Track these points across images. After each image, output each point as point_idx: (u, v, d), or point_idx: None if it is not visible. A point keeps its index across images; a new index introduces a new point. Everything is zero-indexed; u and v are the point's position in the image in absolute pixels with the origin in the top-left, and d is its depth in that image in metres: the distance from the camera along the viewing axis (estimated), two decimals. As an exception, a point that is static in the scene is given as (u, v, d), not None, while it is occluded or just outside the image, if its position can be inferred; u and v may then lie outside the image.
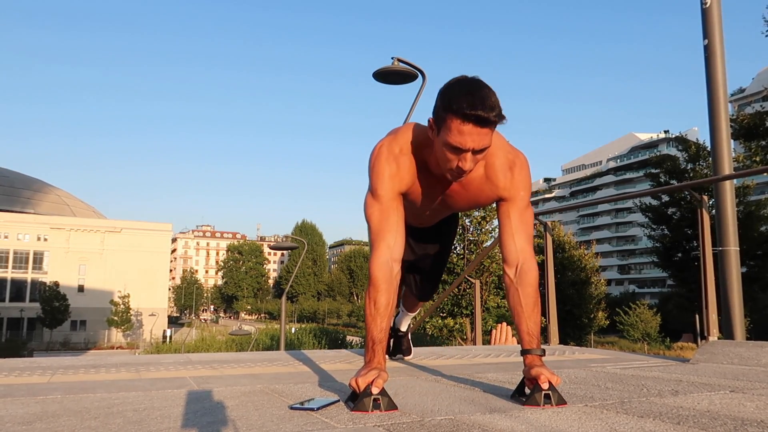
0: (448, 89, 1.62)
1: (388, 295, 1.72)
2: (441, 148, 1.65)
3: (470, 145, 1.59)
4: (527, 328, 1.76)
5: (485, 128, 1.58)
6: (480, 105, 1.54)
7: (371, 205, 1.82)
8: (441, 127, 1.62)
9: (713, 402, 1.69)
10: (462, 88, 1.59)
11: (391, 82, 7.43)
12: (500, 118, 1.58)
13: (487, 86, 1.61)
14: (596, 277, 31.62)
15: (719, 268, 3.54)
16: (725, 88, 3.89)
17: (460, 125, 1.56)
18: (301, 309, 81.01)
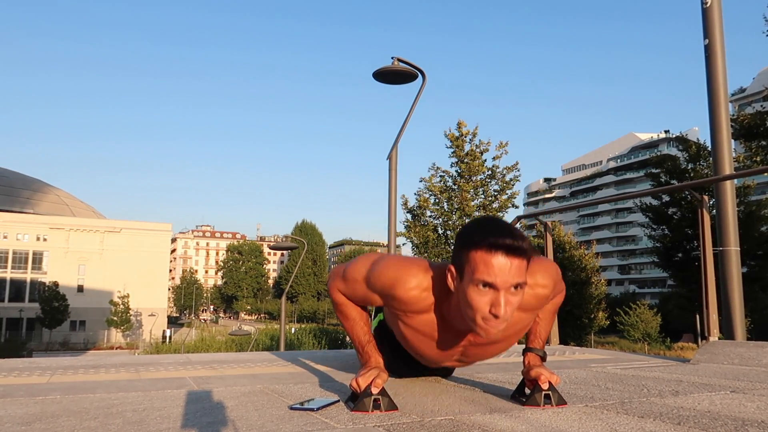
0: (467, 228, 1.47)
1: (354, 307, 1.76)
2: (466, 296, 1.43)
3: (501, 279, 1.37)
4: (535, 329, 1.82)
5: (516, 259, 1.38)
6: (508, 233, 1.38)
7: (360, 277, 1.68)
8: (464, 269, 1.42)
9: (714, 402, 1.69)
10: (482, 223, 1.46)
11: (391, 82, 7.42)
12: (530, 249, 1.41)
13: (508, 223, 1.47)
14: (596, 277, 31.61)
15: (720, 268, 3.53)
16: (726, 88, 3.89)
17: (487, 257, 1.37)
18: (301, 309, 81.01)
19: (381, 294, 1.64)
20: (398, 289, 1.58)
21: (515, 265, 1.38)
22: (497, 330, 1.44)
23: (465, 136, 17.98)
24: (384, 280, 1.61)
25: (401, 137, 7.05)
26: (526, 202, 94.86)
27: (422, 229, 17.76)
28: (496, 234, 1.38)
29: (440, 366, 1.92)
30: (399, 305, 1.62)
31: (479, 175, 17.79)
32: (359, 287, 1.69)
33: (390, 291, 1.60)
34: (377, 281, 1.63)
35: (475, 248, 1.39)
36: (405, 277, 1.58)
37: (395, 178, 6.82)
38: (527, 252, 1.40)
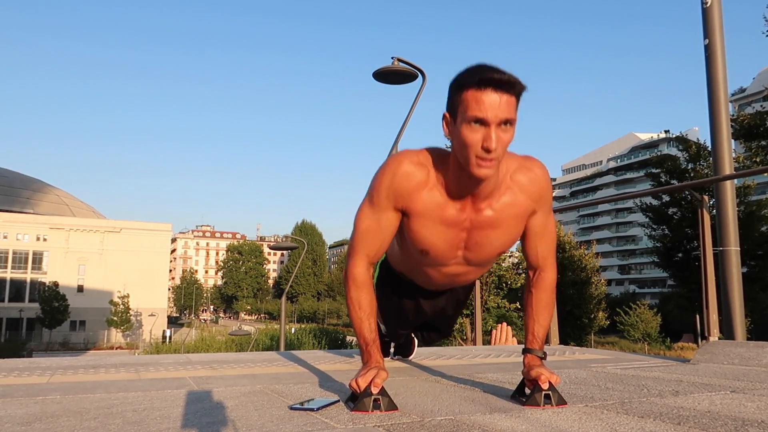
0: (458, 74, 1.51)
1: (370, 295, 1.72)
2: (460, 135, 1.48)
3: (492, 113, 1.43)
4: (532, 329, 1.79)
5: (506, 94, 1.44)
6: (496, 70, 1.43)
7: (362, 209, 1.72)
8: (457, 111, 1.48)
9: (714, 402, 1.69)
10: (471, 66, 1.49)
11: (391, 82, 7.43)
12: (521, 84, 1.46)
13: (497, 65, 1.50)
14: (596, 277, 31.61)
15: (720, 268, 3.53)
16: (726, 88, 3.89)
17: (477, 94, 1.43)
18: (301, 309, 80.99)
19: (388, 196, 1.66)
20: (397, 174, 1.63)
21: (504, 101, 1.43)
22: (490, 168, 1.49)
23: (465, 136, 17.92)
24: (381, 180, 1.65)
25: (401, 137, 7.06)
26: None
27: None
28: (485, 71, 1.42)
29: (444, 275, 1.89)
30: (403, 190, 1.64)
31: (479, 175, 17.72)
32: (364, 223, 1.70)
33: (391, 183, 1.64)
34: (375, 190, 1.67)
35: (466, 88, 1.44)
36: (396, 162, 1.65)
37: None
38: (516, 87, 1.45)
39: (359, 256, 1.73)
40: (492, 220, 1.68)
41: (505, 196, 1.65)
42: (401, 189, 1.65)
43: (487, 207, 1.66)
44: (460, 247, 1.75)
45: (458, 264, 1.82)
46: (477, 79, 1.43)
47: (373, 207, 1.70)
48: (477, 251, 1.77)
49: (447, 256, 1.78)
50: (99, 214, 69.23)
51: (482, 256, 1.80)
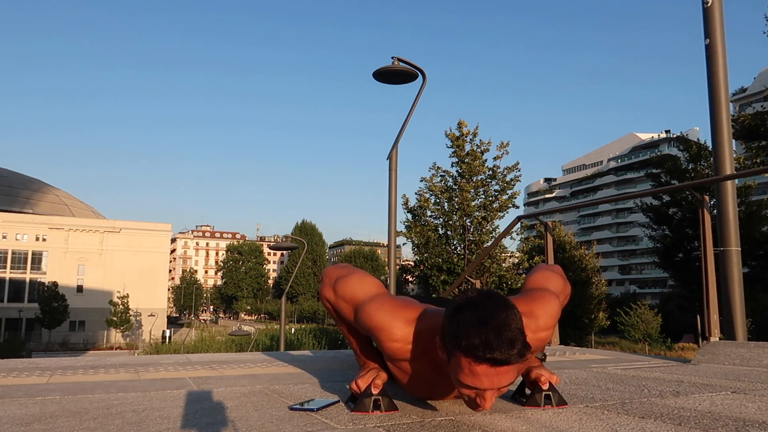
0: (457, 313, 1.32)
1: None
2: (454, 378, 1.36)
3: (486, 386, 1.30)
4: None
5: (504, 367, 1.27)
6: (496, 342, 1.23)
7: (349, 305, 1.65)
8: (450, 360, 1.35)
9: (714, 403, 1.68)
10: (473, 314, 1.29)
11: (391, 82, 7.42)
12: (522, 355, 1.26)
13: (504, 307, 1.30)
14: (597, 278, 31.61)
15: (720, 269, 3.53)
16: (726, 88, 3.89)
17: (473, 366, 1.28)
18: (301, 309, 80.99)
19: (365, 332, 1.61)
20: (382, 336, 1.53)
21: (503, 372, 1.28)
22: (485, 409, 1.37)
23: (465, 136, 17.98)
24: (369, 323, 1.56)
25: (401, 137, 7.05)
26: (526, 202, 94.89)
27: (423, 229, 17.75)
28: (485, 343, 1.24)
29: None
30: (382, 351, 1.58)
31: (480, 175, 17.79)
32: (346, 309, 1.66)
33: (374, 334, 1.57)
34: (362, 321, 1.58)
35: (460, 351, 1.29)
36: (390, 328, 1.52)
37: (395, 178, 6.82)
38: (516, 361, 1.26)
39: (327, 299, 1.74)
40: None
41: None
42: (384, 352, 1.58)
43: None
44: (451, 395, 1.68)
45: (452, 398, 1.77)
46: (474, 355, 1.26)
47: (353, 318, 1.65)
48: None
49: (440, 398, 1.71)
50: (98, 214, 69.25)
51: None
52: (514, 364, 1.27)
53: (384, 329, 1.52)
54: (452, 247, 17.74)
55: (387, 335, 1.52)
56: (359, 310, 1.60)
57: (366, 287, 1.64)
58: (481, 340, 1.24)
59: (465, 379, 1.30)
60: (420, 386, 1.61)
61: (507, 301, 1.32)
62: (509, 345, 1.24)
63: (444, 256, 17.53)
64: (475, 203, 17.65)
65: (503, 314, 1.27)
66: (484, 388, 1.30)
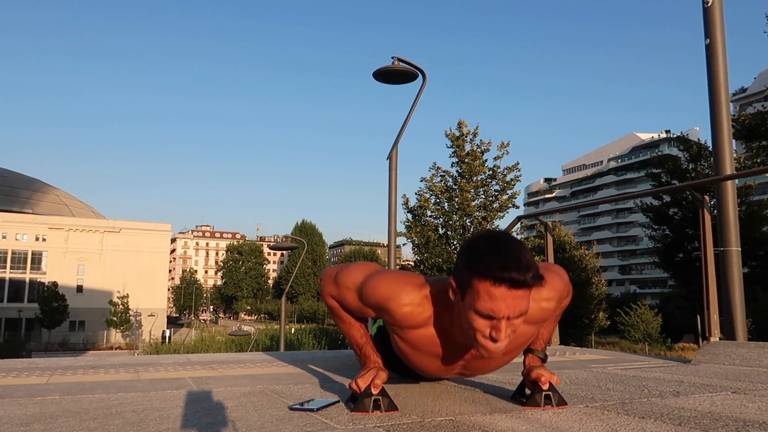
0: (473, 247, 1.41)
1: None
2: (467, 315, 1.41)
3: (504, 312, 1.35)
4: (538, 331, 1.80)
5: (520, 290, 1.34)
6: (514, 266, 1.32)
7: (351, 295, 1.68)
8: (466, 291, 1.39)
9: (715, 403, 1.68)
10: (489, 246, 1.38)
11: (391, 82, 7.42)
12: (537, 279, 1.35)
13: (515, 241, 1.41)
14: (597, 278, 31.60)
15: (721, 269, 3.53)
16: (727, 88, 3.89)
17: (491, 288, 1.34)
18: (301, 309, 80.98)
19: (373, 308, 1.64)
20: (391, 305, 1.56)
21: (519, 296, 1.35)
22: (498, 349, 1.41)
23: (466, 136, 17.99)
24: (376, 295, 1.59)
25: (401, 137, 7.05)
26: (526, 202, 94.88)
27: (423, 229, 17.76)
28: (502, 265, 1.32)
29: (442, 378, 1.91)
30: (393, 321, 1.60)
31: (480, 175, 17.79)
32: (351, 297, 1.68)
33: (382, 306, 1.59)
34: (370, 296, 1.61)
35: (479, 277, 1.35)
36: (398, 294, 1.56)
37: (395, 178, 6.82)
38: (532, 282, 1.35)
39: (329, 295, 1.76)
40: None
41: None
42: (392, 321, 1.61)
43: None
44: (455, 371, 1.75)
45: (455, 375, 1.84)
46: (493, 275, 1.33)
47: (359, 302, 1.68)
48: (474, 371, 1.80)
49: (442, 375, 1.79)
50: (98, 214, 69.24)
51: (481, 373, 1.85)
52: (529, 287, 1.34)
53: (392, 297, 1.56)
54: (452, 248, 17.75)
55: (395, 302, 1.56)
56: (364, 286, 1.63)
57: (367, 270, 1.68)
58: (499, 264, 1.32)
59: (482, 305, 1.35)
60: (427, 359, 1.65)
61: (516, 238, 1.42)
62: (525, 268, 1.32)
63: (444, 256, 17.53)
64: (475, 203, 17.65)
65: (516, 246, 1.38)
66: (501, 314, 1.35)
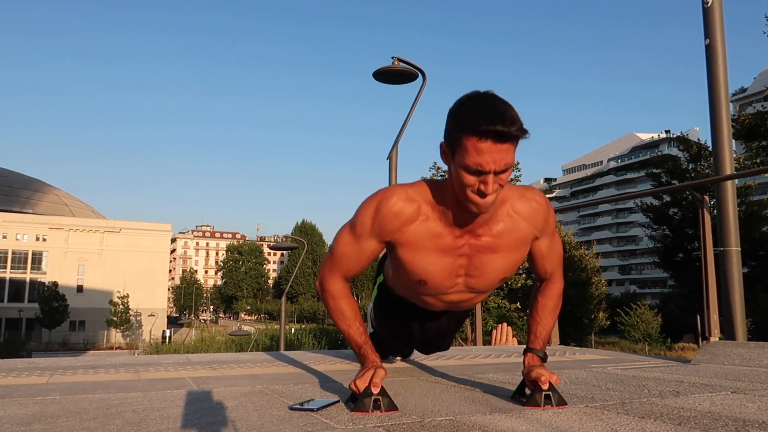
0: (460, 107, 1.48)
1: (350, 302, 1.75)
2: (458, 174, 1.49)
3: (491, 166, 1.43)
4: (535, 329, 1.82)
5: (506, 144, 1.42)
6: (499, 119, 1.39)
7: (345, 236, 1.71)
8: (456, 150, 1.47)
9: (715, 403, 1.68)
10: (475, 104, 1.45)
11: (391, 82, 7.42)
12: (522, 132, 1.43)
13: (503, 100, 1.47)
14: (597, 278, 31.63)
15: (720, 269, 3.53)
16: (727, 88, 3.89)
17: (477, 143, 1.41)
18: (301, 309, 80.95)
19: (370, 230, 1.66)
20: (382, 207, 1.62)
21: (504, 149, 1.42)
22: (487, 203, 1.50)
23: (465, 136, 17.96)
24: (367, 212, 1.65)
25: (401, 137, 7.05)
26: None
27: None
28: (487, 119, 1.39)
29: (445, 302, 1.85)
30: (390, 226, 1.63)
31: (479, 176, 17.76)
32: (346, 241, 1.70)
33: (375, 218, 1.63)
34: (361, 217, 1.66)
35: (466, 133, 1.42)
36: (384, 197, 1.64)
37: (395, 178, 6.82)
38: (518, 135, 1.43)
39: (335, 274, 1.75)
40: (491, 245, 1.66)
41: (503, 222, 1.65)
42: (388, 225, 1.64)
43: (485, 233, 1.65)
44: (460, 274, 1.72)
45: (460, 292, 1.79)
46: (478, 129, 1.39)
47: (355, 235, 1.69)
48: (478, 277, 1.74)
49: (446, 285, 1.75)
50: (98, 214, 69.22)
51: (484, 282, 1.77)
52: (514, 140, 1.43)
53: (379, 202, 1.64)
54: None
55: (385, 204, 1.62)
56: (353, 221, 1.69)
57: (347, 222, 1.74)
58: (485, 118, 1.39)
59: (470, 160, 1.43)
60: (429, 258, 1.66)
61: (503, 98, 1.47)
62: (510, 122, 1.40)
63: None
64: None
65: (502, 103, 1.44)
66: (488, 167, 1.42)
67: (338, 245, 1.72)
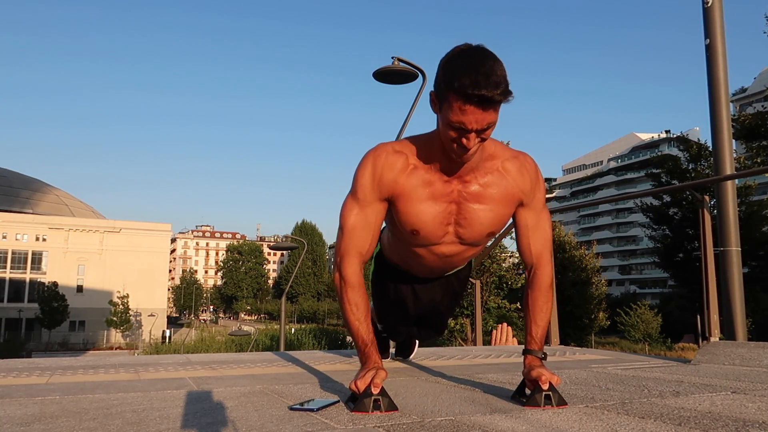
0: (450, 62, 1.51)
1: (364, 296, 1.74)
2: (443, 127, 1.56)
3: (473, 126, 1.49)
4: (531, 330, 1.80)
5: (490, 106, 1.47)
6: (484, 82, 1.43)
7: (347, 207, 1.75)
8: (443, 104, 1.53)
9: (715, 403, 1.68)
10: (464, 62, 1.47)
11: (391, 82, 7.42)
12: (506, 95, 1.46)
13: (492, 57, 1.49)
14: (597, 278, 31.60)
15: (721, 269, 3.53)
16: (727, 88, 3.89)
17: (462, 105, 1.46)
18: (301, 309, 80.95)
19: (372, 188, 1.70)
20: (377, 164, 1.69)
21: (488, 111, 1.47)
22: (469, 155, 1.57)
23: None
24: (364, 173, 1.70)
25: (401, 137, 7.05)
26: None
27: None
28: (474, 83, 1.42)
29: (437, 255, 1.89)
30: (386, 179, 1.69)
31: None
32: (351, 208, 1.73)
33: (374, 174, 1.69)
34: (360, 181, 1.71)
35: (453, 93, 1.46)
36: (374, 155, 1.72)
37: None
38: (501, 100, 1.47)
39: (350, 255, 1.74)
40: (478, 195, 1.72)
41: (492, 175, 1.72)
42: (384, 178, 1.70)
43: (473, 181, 1.71)
44: (450, 222, 1.77)
45: (450, 243, 1.84)
46: (465, 92, 1.44)
47: (359, 201, 1.73)
48: (467, 227, 1.78)
49: (438, 234, 1.79)
50: (98, 214, 69.21)
51: (472, 233, 1.81)
52: (498, 103, 1.47)
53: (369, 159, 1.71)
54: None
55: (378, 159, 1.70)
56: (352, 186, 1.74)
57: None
58: (471, 81, 1.42)
59: (455, 117, 1.48)
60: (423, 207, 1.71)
61: (493, 53, 1.51)
62: (495, 86, 1.43)
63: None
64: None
65: (490, 62, 1.47)
66: (471, 127, 1.49)
67: (346, 220, 1.74)
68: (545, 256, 1.83)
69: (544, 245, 1.83)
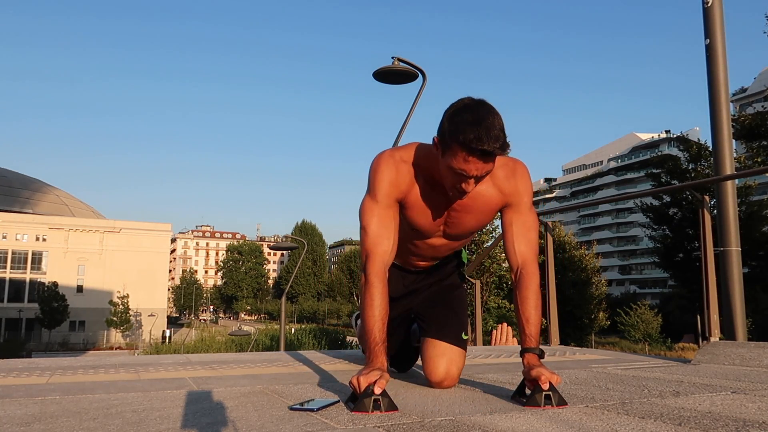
0: (455, 115, 1.64)
1: (385, 295, 1.78)
2: (445, 169, 1.70)
3: (474, 173, 1.65)
4: (527, 330, 1.81)
5: (490, 158, 1.63)
6: (486, 137, 1.57)
7: (370, 208, 1.85)
8: (446, 151, 1.66)
9: (715, 403, 1.68)
10: (469, 116, 1.61)
11: (391, 82, 7.41)
12: (504, 149, 1.62)
13: (493, 113, 1.63)
14: (597, 278, 31.65)
15: (721, 269, 3.53)
16: (727, 88, 3.89)
17: (466, 156, 1.61)
18: (301, 309, 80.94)
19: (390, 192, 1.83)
20: (396, 171, 1.83)
21: (488, 162, 1.64)
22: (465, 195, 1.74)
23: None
24: (383, 176, 1.83)
25: (402, 137, 7.05)
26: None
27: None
28: (477, 137, 1.57)
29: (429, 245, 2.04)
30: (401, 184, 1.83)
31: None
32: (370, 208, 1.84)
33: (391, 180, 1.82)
34: (380, 182, 1.83)
35: (458, 144, 1.61)
36: (392, 160, 1.85)
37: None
38: (499, 153, 1.61)
39: (376, 254, 1.81)
40: (466, 206, 1.89)
41: (482, 185, 1.83)
42: (401, 185, 1.84)
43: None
44: (441, 223, 1.96)
45: (439, 237, 2.02)
46: (469, 145, 1.58)
47: (379, 204, 1.84)
48: (454, 228, 1.98)
49: (431, 231, 1.98)
50: (98, 214, 69.20)
51: (458, 232, 2.01)
52: (497, 156, 1.63)
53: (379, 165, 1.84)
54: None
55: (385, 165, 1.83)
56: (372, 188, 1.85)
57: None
58: (475, 136, 1.58)
59: (458, 164, 1.64)
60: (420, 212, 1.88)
61: (494, 108, 1.65)
62: (495, 140, 1.58)
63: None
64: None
65: (491, 117, 1.61)
66: (471, 174, 1.65)
67: (369, 221, 1.84)
68: (530, 255, 1.90)
69: (528, 245, 1.90)
